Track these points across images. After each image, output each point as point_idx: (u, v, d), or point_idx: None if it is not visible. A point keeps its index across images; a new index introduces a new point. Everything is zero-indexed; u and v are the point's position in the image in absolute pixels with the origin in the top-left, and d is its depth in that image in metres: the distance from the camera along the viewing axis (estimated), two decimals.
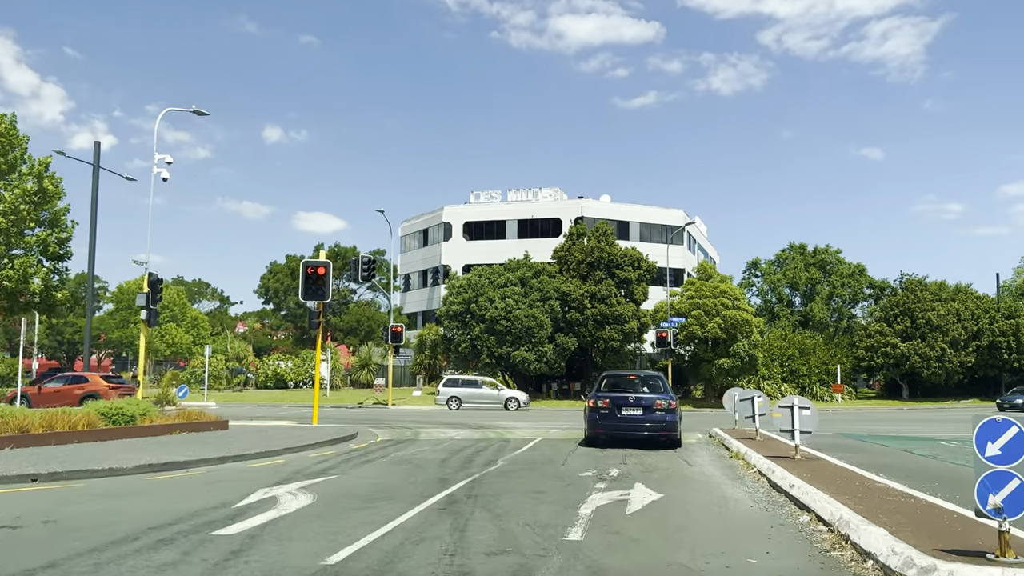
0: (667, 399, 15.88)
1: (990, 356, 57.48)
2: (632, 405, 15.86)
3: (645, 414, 15.74)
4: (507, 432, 20.94)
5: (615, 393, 16.35)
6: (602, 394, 16.29)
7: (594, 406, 16.08)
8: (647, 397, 16.01)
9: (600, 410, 15.97)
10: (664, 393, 16.23)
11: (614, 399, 15.97)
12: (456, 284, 50.13)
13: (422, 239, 73.27)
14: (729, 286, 52.15)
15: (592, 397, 16.31)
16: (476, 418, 29.81)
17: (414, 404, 44.84)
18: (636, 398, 15.96)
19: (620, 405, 15.86)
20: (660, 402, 15.79)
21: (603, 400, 16.01)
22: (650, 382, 17.13)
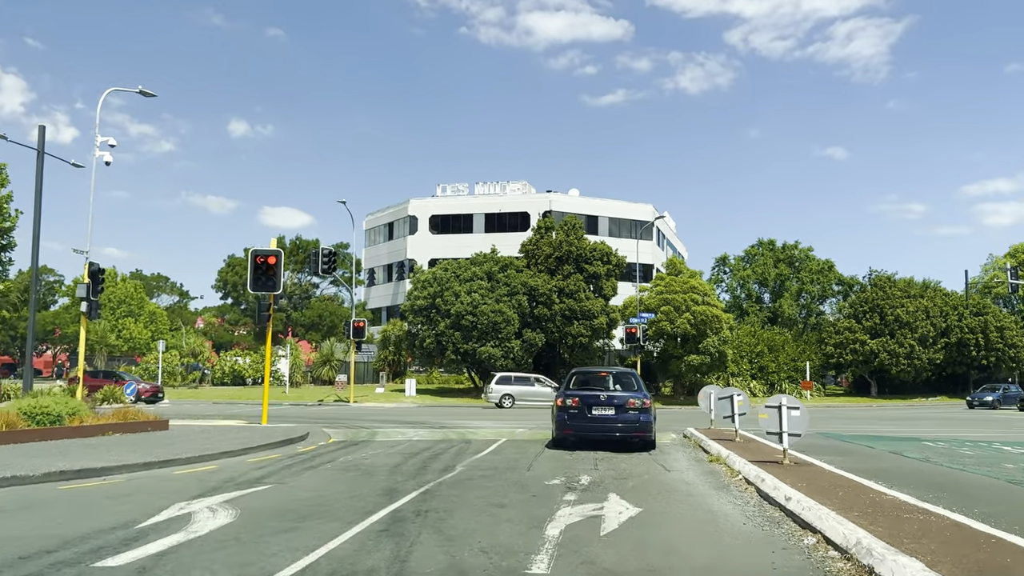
0: (641, 397, 14.75)
1: (958, 353, 57.34)
2: (603, 404, 14.70)
3: (617, 414, 14.60)
4: (469, 432, 19.67)
5: (585, 391, 15.17)
6: (571, 392, 15.13)
7: (562, 405, 14.92)
8: (619, 395, 14.88)
9: (569, 409, 14.80)
10: (638, 391, 15.10)
11: (584, 398, 14.79)
12: (421, 278, 48.70)
13: (387, 233, 71.68)
14: (699, 282, 51.34)
15: (560, 395, 15.17)
16: (439, 417, 28.51)
17: (377, 401, 43.39)
18: (608, 396, 14.81)
19: (590, 404, 14.70)
20: (633, 401, 14.64)
21: (572, 399, 14.84)
22: (622, 379, 16.04)
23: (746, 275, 69.53)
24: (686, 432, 18.61)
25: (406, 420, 25.51)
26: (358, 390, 50.71)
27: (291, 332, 67.28)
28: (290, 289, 73.44)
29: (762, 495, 9.00)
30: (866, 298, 57.88)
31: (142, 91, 29.02)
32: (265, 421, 21.21)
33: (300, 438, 17.36)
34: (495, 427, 21.93)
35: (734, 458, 11.90)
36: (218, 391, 50.01)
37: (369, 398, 45.28)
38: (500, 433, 19.47)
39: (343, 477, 10.88)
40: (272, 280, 21.06)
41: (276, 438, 16.62)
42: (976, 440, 18.78)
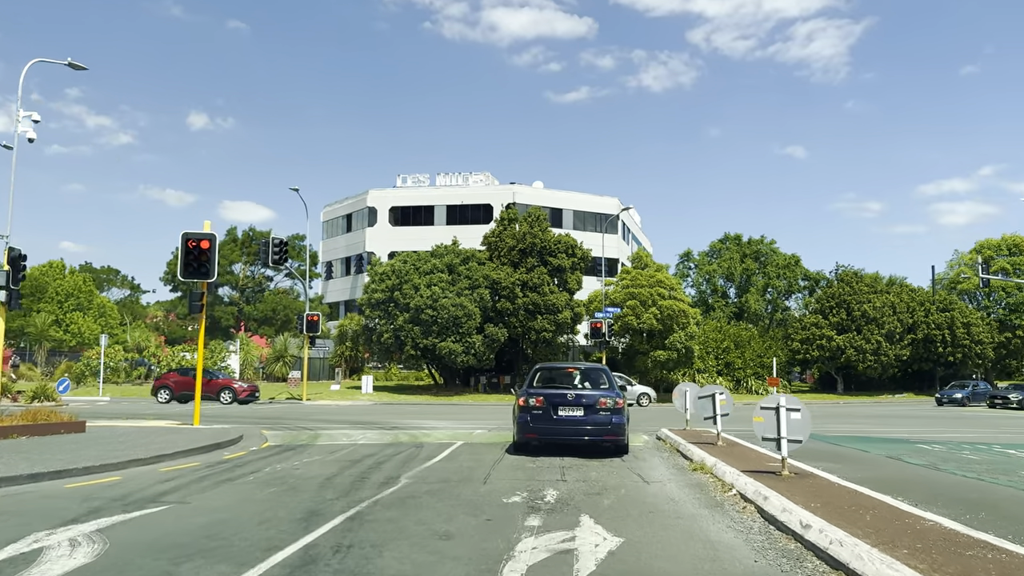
0: (612, 397, 13.15)
1: (925, 349, 56.78)
2: (571, 404, 13.09)
3: (587, 415, 13.01)
4: (423, 434, 17.89)
5: (551, 390, 13.56)
6: (535, 391, 13.45)
7: (525, 405, 13.24)
8: (589, 394, 13.29)
9: (532, 410, 13.13)
10: (609, 389, 13.51)
11: (549, 397, 13.19)
12: (379, 271, 46.72)
13: (345, 225, 69.44)
14: (665, 275, 50.04)
15: (523, 394, 13.44)
16: (394, 416, 26.68)
17: (331, 399, 41.36)
18: (576, 396, 13.22)
19: (557, 404, 13.08)
20: (605, 400, 13.04)
21: (536, 398, 13.17)
22: (592, 376, 14.46)
23: (712, 270, 68.43)
24: (660, 434, 17.03)
25: (357, 420, 23.64)
26: (313, 387, 48.61)
27: (243, 327, 64.78)
28: (243, 282, 70.77)
29: (767, 517, 7.38)
30: (833, 293, 57.04)
31: (71, 63, 26.72)
32: (197, 422, 19.23)
33: (231, 442, 15.48)
34: (452, 428, 20.17)
35: (722, 467, 10.30)
36: None
37: (324, 395, 43.23)
38: (456, 435, 17.72)
39: (260, 495, 9.06)
40: (205, 267, 19.18)
41: (201, 443, 14.72)
42: (973, 442, 17.47)
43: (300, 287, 73.41)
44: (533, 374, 14.33)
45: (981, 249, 63.70)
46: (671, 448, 14.60)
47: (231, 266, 70.44)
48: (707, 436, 14.98)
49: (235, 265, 70.64)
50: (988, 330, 57.96)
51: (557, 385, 14.04)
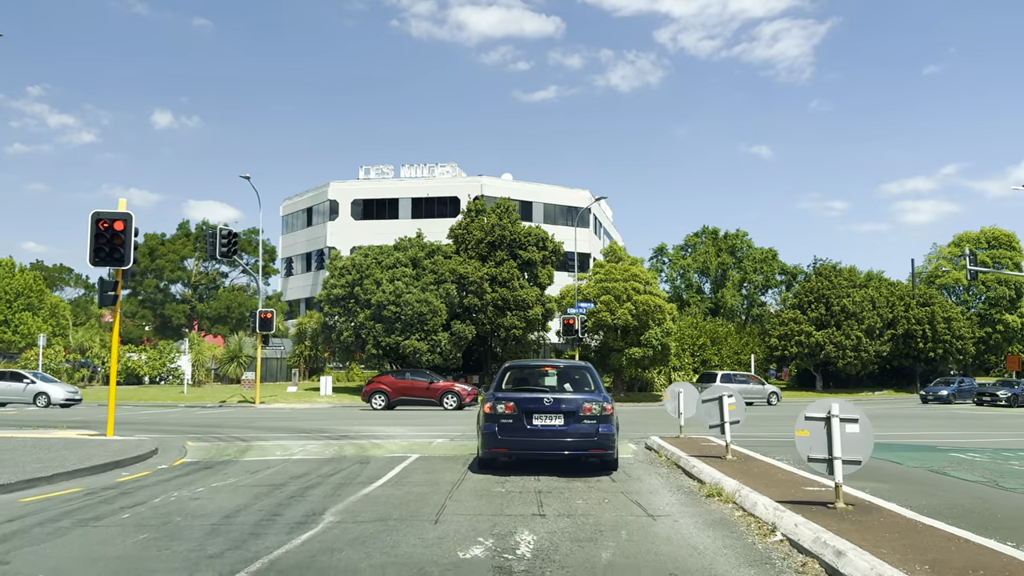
0: (599, 401, 10.70)
1: (905, 345, 55.25)
2: (549, 411, 10.60)
3: (568, 424, 10.54)
4: (374, 445, 15.32)
5: (524, 393, 11.05)
6: (505, 395, 10.95)
7: (492, 412, 10.70)
8: (570, 399, 10.84)
9: (501, 419, 10.61)
10: (595, 392, 11.09)
11: (522, 402, 10.68)
12: (339, 265, 43.89)
13: (306, 219, 66.43)
14: (640, 269, 47.84)
15: (490, 399, 10.91)
16: (348, 421, 24.02)
17: (286, 402, 38.56)
18: (555, 400, 10.73)
19: (531, 411, 10.61)
20: (590, 406, 10.59)
21: (506, 404, 10.65)
22: (573, 376, 11.96)
23: (686, 264, 66.38)
24: (650, 443, 14.60)
25: (305, 427, 20.97)
26: (268, 389, 45.74)
27: (196, 325, 61.46)
28: (196, 278, 67.26)
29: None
30: (811, 287, 55.23)
31: None
32: (110, 433, 16.49)
33: (138, 459, 12.82)
34: (410, 436, 17.61)
35: (749, 494, 7.89)
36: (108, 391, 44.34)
37: (279, 398, 40.39)
38: (413, 446, 15.15)
39: (118, 547, 6.46)
40: (119, 251, 16.56)
41: (99, 460, 12.07)
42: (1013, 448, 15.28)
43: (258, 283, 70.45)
44: (502, 374, 11.79)
45: (960, 242, 62.41)
46: (668, 463, 12.15)
47: (183, 261, 66.93)
48: (709, 446, 12.63)
49: (188, 260, 67.18)
50: (969, 325, 56.59)
51: (531, 388, 11.55)
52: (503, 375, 11.76)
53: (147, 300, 65.35)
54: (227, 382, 50.37)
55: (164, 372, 49.31)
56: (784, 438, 15.52)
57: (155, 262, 64.00)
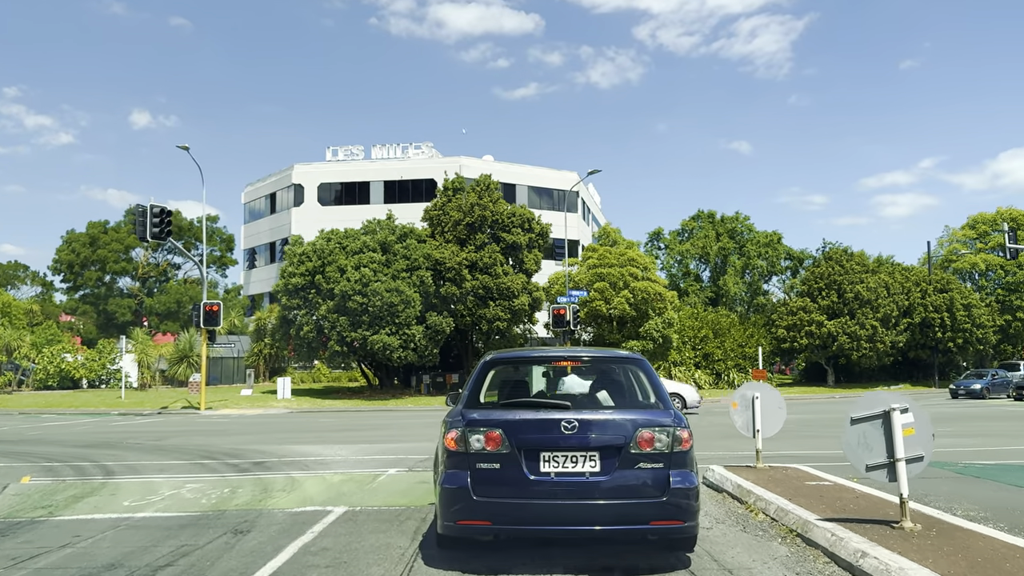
0: (668, 424, 5.87)
1: (922, 335, 50.72)
2: (572, 446, 5.72)
3: (609, 471, 5.71)
4: (288, 484, 10.25)
5: (523, 412, 5.96)
6: (486, 415, 5.99)
7: (462, 448, 5.82)
8: (612, 421, 5.86)
9: (479, 462, 5.77)
10: (655, 408, 6.17)
11: (520, 429, 5.79)
12: (298, 251, 38.76)
13: (269, 205, 61.08)
14: (637, 253, 43.05)
15: (457, 424, 5.95)
16: (288, 435, 18.96)
17: (237, 407, 33.41)
18: (582, 425, 5.76)
19: (534, 446, 5.74)
20: (651, 434, 5.77)
21: (487, 432, 5.78)
22: (613, 377, 6.93)
23: (685, 250, 61.45)
24: (715, 477, 9.48)
25: (222, 447, 15.84)
26: (221, 393, 40.58)
27: (145, 321, 55.98)
28: (144, 270, 61.46)
29: None
30: (821, 273, 50.50)
31: None
32: None
33: None
34: (353, 461, 12.58)
35: None
36: (38, 397, 38.96)
37: (229, 403, 35.22)
38: (347, 483, 10.10)
39: None
40: None
41: None
42: None
43: (215, 275, 64.79)
44: (480, 375, 6.62)
45: (975, 224, 58.06)
46: (778, 528, 7.03)
47: (129, 252, 61.14)
48: (832, 491, 7.69)
49: (135, 251, 61.45)
50: (989, 312, 52.17)
51: (535, 401, 6.38)
52: (482, 376, 6.58)
53: (89, 295, 59.60)
54: (177, 385, 45.10)
55: (104, 375, 43.94)
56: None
57: (96, 252, 58.16)
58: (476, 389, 6.35)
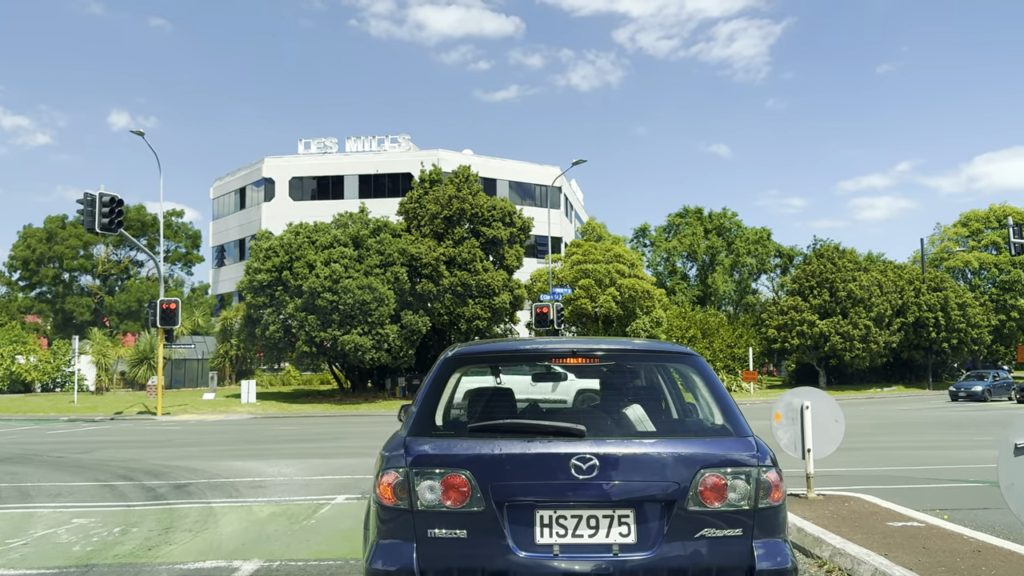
0: (742, 458, 3.35)
1: (915, 335, 49.13)
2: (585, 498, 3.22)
3: (652, 543, 3.18)
4: (205, 517, 8.06)
5: (502, 444, 3.35)
6: (444, 447, 3.45)
7: (403, 504, 3.29)
8: (646, 456, 3.30)
9: (434, 525, 3.22)
10: (726, 435, 3.55)
11: (499, 470, 3.25)
12: (264, 246, 36.41)
13: (238, 201, 58.54)
14: (624, 249, 41.08)
15: (397, 461, 3.41)
16: (240, 446, 16.74)
17: (197, 412, 31.03)
18: (599, 463, 3.23)
19: (531, 502, 3.23)
20: (721, 479, 3.27)
21: (448, 476, 3.30)
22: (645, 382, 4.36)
23: (672, 247, 59.47)
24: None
25: (157, 462, 13.59)
26: (183, 396, 38.18)
27: (107, 322, 53.26)
28: (105, 268, 58.54)
29: None
30: (812, 271, 48.78)
31: None
32: None
33: None
34: (297, 485, 10.39)
35: None
36: None
37: (189, 408, 32.81)
38: (269, 526, 7.88)
39: None
40: None
41: None
42: None
43: (180, 273, 62.06)
44: (438, 380, 4.01)
45: (968, 221, 56.62)
46: None
47: (90, 248, 58.21)
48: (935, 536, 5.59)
49: (96, 247, 58.51)
50: (984, 312, 50.68)
51: (523, 423, 3.67)
52: (440, 382, 4.03)
53: (45, 294, 56.64)
54: (138, 388, 42.57)
55: (59, 378, 41.32)
56: None
57: (53, 248, 55.19)
58: (430, 403, 3.86)
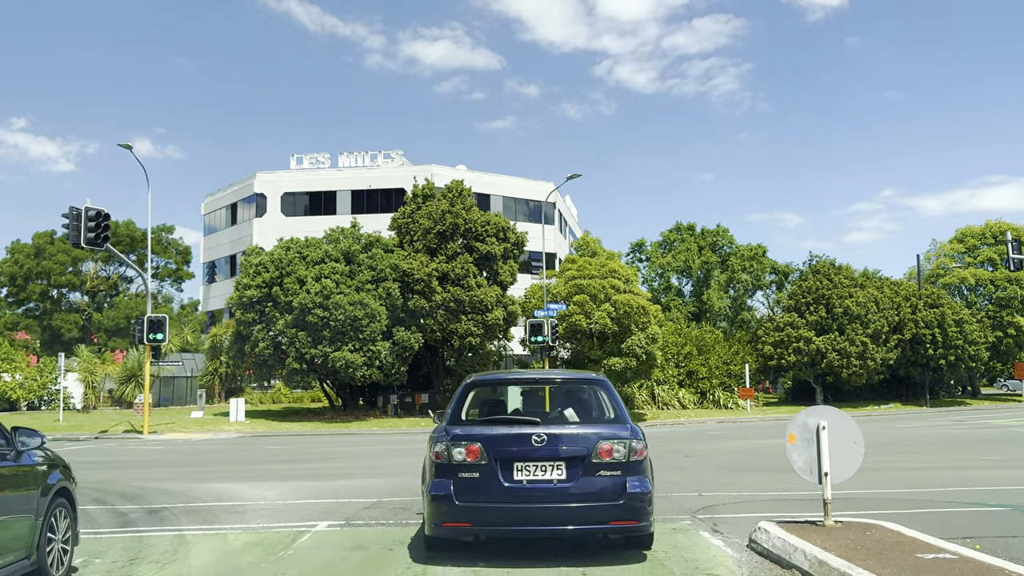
0: (625, 437, 6.60)
1: (912, 352, 48.66)
2: (541, 456, 6.47)
3: (574, 478, 6.47)
4: (176, 545, 7.50)
5: (499, 428, 6.75)
6: (467, 430, 6.74)
7: (445, 461, 6.56)
8: (577, 435, 6.64)
9: (461, 471, 6.51)
10: (616, 422, 6.88)
11: (496, 442, 6.55)
12: (255, 261, 35.87)
13: (230, 217, 57.99)
14: (619, 264, 40.57)
15: (442, 437, 6.66)
16: (223, 468, 16.13)
17: (185, 431, 30.40)
18: (550, 438, 6.53)
19: (511, 458, 6.51)
20: (611, 446, 6.51)
21: (468, 445, 6.53)
22: (579, 396, 7.83)
23: (666, 263, 58.98)
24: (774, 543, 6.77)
25: (134, 484, 12.98)
26: (171, 415, 37.49)
27: (95, 339, 52.49)
28: (93, 284, 57.75)
29: None
30: (808, 287, 48.32)
31: None
32: None
33: None
34: (272, 515, 9.80)
35: None
36: None
37: (177, 426, 32.17)
38: (242, 559, 7.25)
39: None
40: None
41: None
42: None
43: (169, 289, 61.32)
44: (462, 395, 7.34)
45: (964, 237, 56.37)
46: None
47: (78, 264, 57.45)
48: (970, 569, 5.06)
49: (85, 263, 57.77)
50: (981, 328, 50.27)
51: (510, 418, 7.10)
52: (463, 397, 7.35)
53: (33, 310, 55.78)
54: (125, 406, 41.82)
55: (46, 396, 40.55)
56: None
57: (41, 264, 54.40)
58: (459, 408, 7.13)
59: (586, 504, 6.30)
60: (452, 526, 6.38)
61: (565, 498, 6.30)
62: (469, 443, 6.42)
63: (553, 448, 6.39)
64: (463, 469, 6.40)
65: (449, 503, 6.33)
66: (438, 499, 6.39)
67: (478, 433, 6.57)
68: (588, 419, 7.14)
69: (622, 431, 6.50)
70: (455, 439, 6.47)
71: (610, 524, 6.35)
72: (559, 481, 6.34)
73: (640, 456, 6.45)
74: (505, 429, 6.62)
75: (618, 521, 6.32)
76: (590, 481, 6.34)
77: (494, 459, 6.38)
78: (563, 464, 6.37)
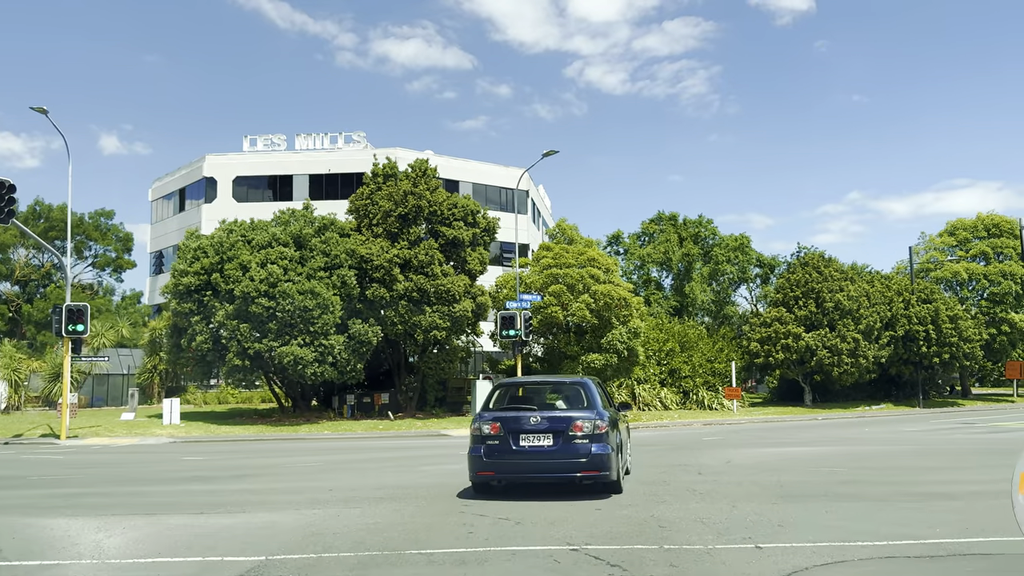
0: (591, 418, 10.27)
1: (905, 349, 46.00)
2: (534, 430, 10.23)
3: (557, 444, 10.21)
4: None
5: (509, 412, 10.65)
6: (491, 414, 10.60)
7: (479, 433, 10.51)
8: (559, 417, 10.41)
9: (488, 440, 10.41)
10: (588, 409, 10.52)
11: (508, 422, 10.38)
12: (192, 245, 32.07)
13: (178, 203, 53.91)
14: (598, 252, 37.30)
15: (477, 419, 10.63)
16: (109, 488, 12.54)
17: (109, 435, 26.58)
18: (541, 420, 10.29)
19: (516, 431, 10.30)
20: (582, 423, 10.19)
21: (491, 424, 10.40)
22: (568, 392, 11.23)
23: (646, 255, 55.79)
24: None
25: None
26: (101, 416, 33.62)
27: (24, 332, 48.08)
28: (23, 273, 53.05)
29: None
30: (797, 280, 45.41)
31: None
32: None
33: None
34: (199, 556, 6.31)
35: None
36: None
37: (102, 429, 28.35)
38: None
39: None
40: None
41: None
42: None
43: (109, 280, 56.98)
44: (492, 393, 11.23)
45: (954, 230, 53.92)
46: None
47: (7, 251, 52.71)
48: None
49: (16, 250, 53.06)
50: (975, 325, 47.76)
51: (519, 406, 10.93)
52: (493, 394, 11.23)
53: None
54: (54, 407, 37.76)
55: None
56: None
57: None
58: (488, 400, 11.03)
59: (565, 460, 10.11)
60: (483, 474, 10.41)
61: (552, 457, 10.15)
62: (492, 422, 10.37)
63: (544, 425, 10.22)
64: (489, 439, 10.30)
65: (480, 460, 10.34)
66: (475, 458, 10.40)
67: (498, 415, 10.49)
68: (570, 407, 10.69)
69: (590, 414, 10.30)
70: (483, 419, 10.46)
71: (581, 473, 10.14)
72: (548, 446, 10.16)
73: (601, 430, 10.17)
74: (514, 413, 10.53)
75: (585, 471, 10.12)
76: (567, 447, 10.12)
77: (507, 432, 10.24)
78: (551, 435, 10.18)
